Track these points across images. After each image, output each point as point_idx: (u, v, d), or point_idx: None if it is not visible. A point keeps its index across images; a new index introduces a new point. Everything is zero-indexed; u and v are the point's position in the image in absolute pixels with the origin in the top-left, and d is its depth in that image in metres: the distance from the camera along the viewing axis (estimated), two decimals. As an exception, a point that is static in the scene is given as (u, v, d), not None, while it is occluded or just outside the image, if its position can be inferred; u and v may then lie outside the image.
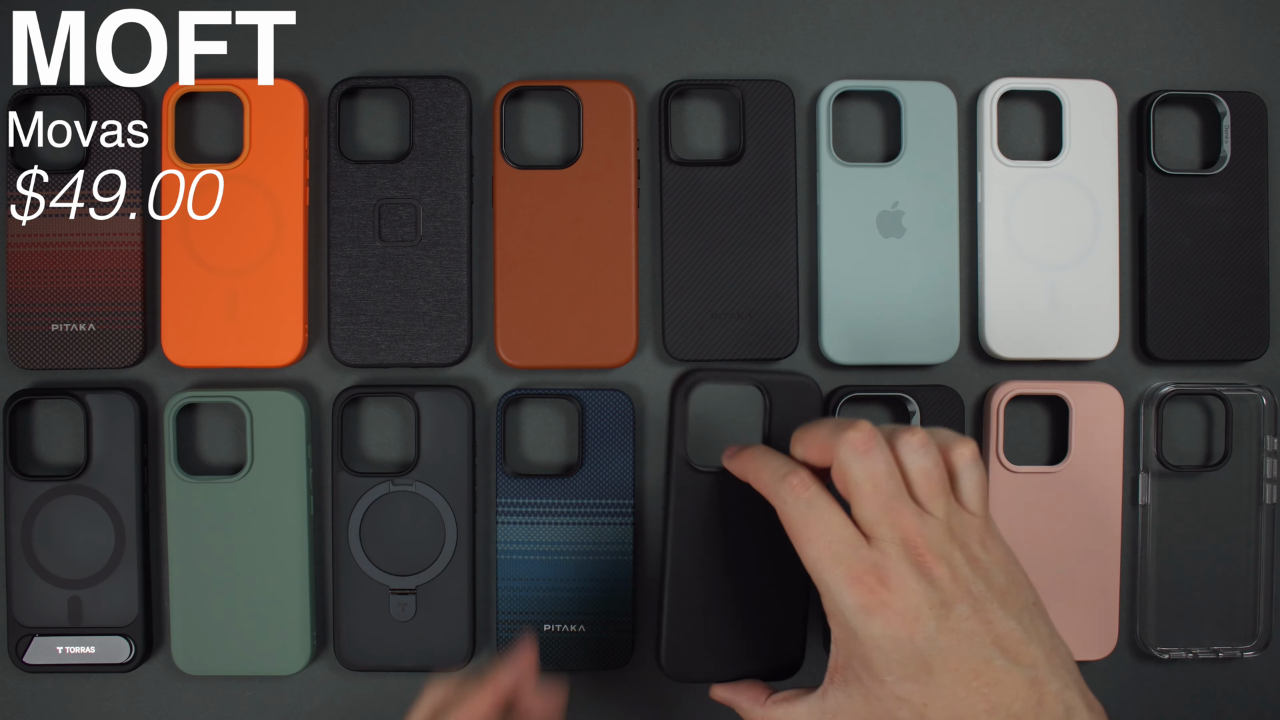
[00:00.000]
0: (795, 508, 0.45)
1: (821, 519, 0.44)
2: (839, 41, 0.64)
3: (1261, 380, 0.64)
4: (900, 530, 0.43)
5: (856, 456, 0.44)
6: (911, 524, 0.44)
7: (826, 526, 0.44)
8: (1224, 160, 0.64)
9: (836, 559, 0.44)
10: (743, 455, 0.48)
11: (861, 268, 0.63)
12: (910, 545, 0.43)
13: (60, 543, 0.61)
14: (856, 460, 0.44)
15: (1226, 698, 0.65)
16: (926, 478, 0.45)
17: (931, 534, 0.44)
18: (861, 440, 0.44)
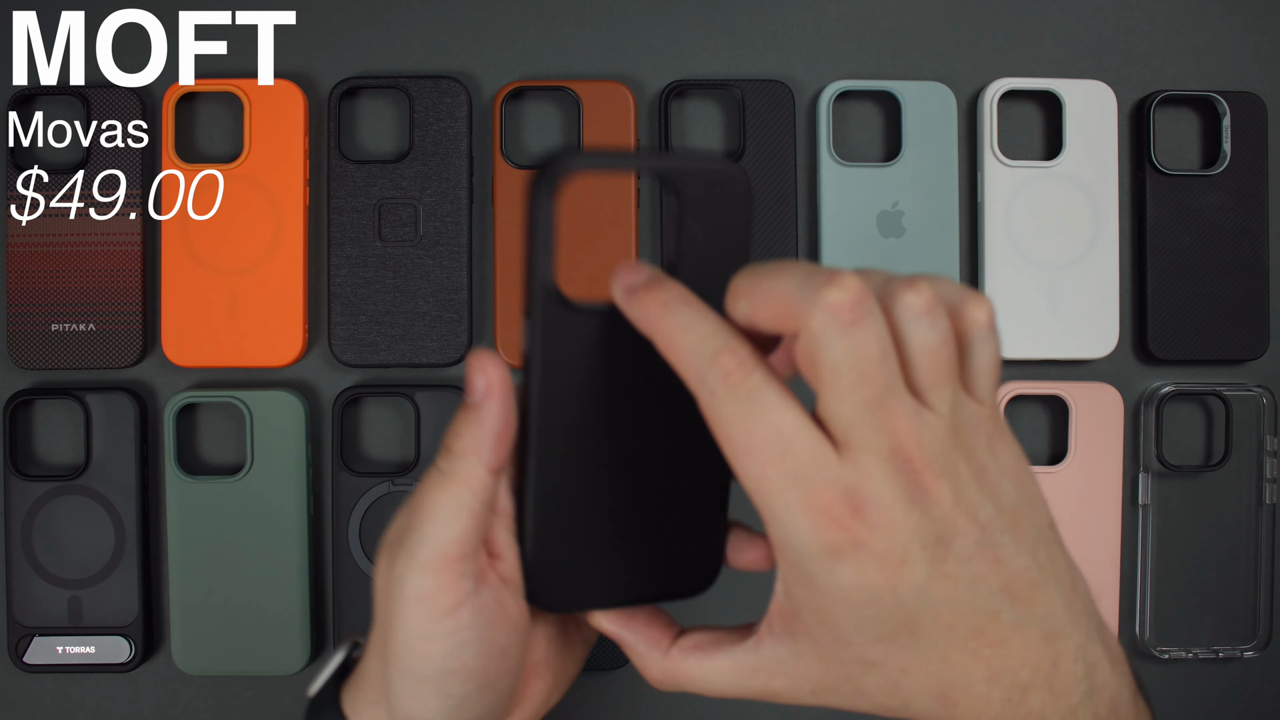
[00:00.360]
0: (730, 403, 0.31)
1: (770, 419, 0.31)
2: (839, 41, 0.64)
3: (1261, 380, 0.64)
4: (889, 436, 0.31)
5: (839, 329, 0.30)
6: (906, 426, 0.31)
7: (777, 431, 0.31)
8: (1224, 160, 0.64)
9: (792, 479, 0.31)
10: (648, 298, 0.33)
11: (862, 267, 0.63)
12: (902, 457, 0.31)
13: (60, 542, 0.61)
14: (838, 335, 0.30)
15: (1226, 698, 0.65)
16: (932, 357, 0.32)
17: (932, 439, 0.31)
18: (847, 305, 0.30)
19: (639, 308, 0.33)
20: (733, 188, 0.35)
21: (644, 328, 0.33)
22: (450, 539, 0.34)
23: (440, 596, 0.34)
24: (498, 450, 0.34)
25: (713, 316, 0.32)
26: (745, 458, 0.31)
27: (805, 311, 0.31)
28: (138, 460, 0.62)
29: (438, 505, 0.34)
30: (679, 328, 0.32)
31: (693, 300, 0.33)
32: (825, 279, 0.31)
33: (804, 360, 0.31)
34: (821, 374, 0.31)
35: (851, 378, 0.30)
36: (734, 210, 0.35)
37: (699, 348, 0.32)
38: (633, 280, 0.33)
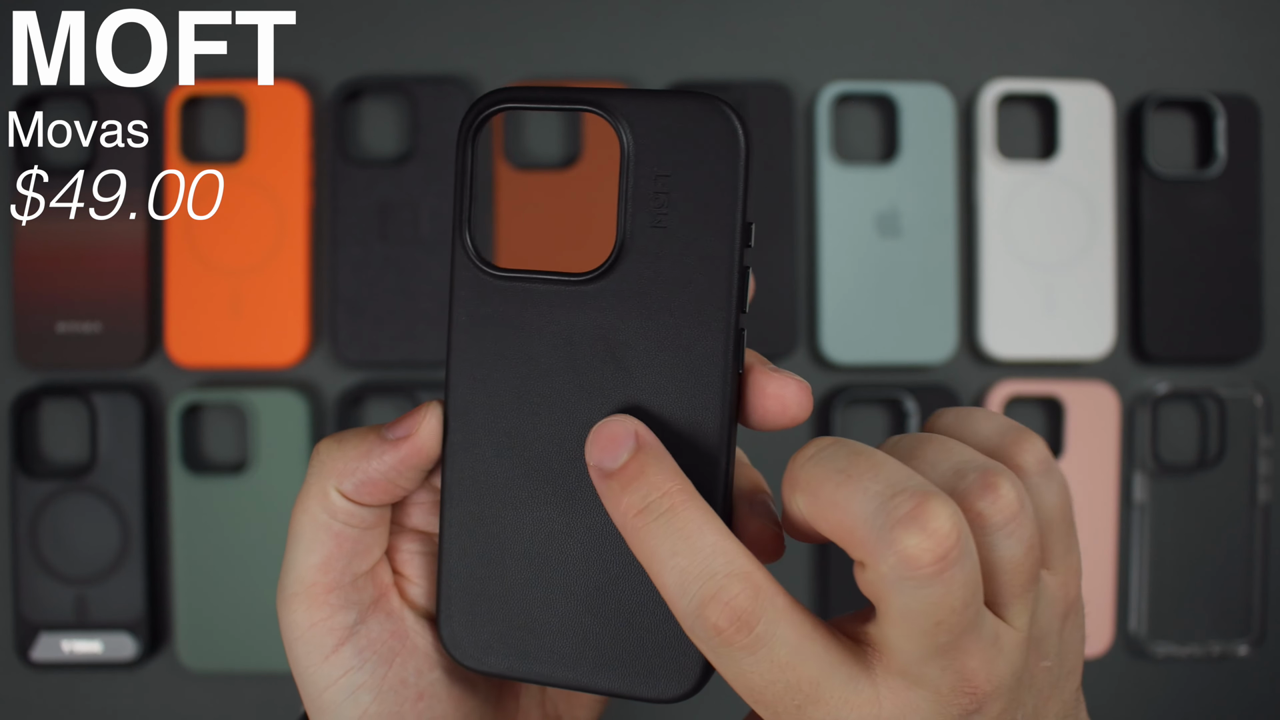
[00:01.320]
0: (729, 661, 0.26)
1: (783, 676, 0.26)
2: (837, 44, 0.65)
3: (1255, 379, 0.65)
4: (956, 674, 0.26)
5: (916, 583, 0.25)
6: (979, 663, 0.26)
7: (795, 686, 0.26)
8: (1218, 162, 0.64)
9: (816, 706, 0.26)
10: (622, 499, 0.27)
11: (860, 268, 0.63)
12: (965, 691, 0.26)
13: (66, 540, 0.62)
14: (914, 587, 0.25)
15: (1220, 695, 0.66)
16: (1015, 572, 0.26)
17: (1006, 667, 0.26)
18: (932, 558, 0.24)
19: (613, 506, 0.27)
20: (715, 133, 0.27)
21: (622, 531, 0.27)
22: (313, 565, 0.30)
23: (316, 634, 0.30)
24: (361, 490, 0.30)
25: (708, 532, 0.26)
26: (758, 707, 0.26)
27: (877, 552, 0.25)
28: (143, 459, 0.62)
29: (297, 531, 0.30)
30: (658, 551, 0.26)
31: (682, 507, 0.26)
32: (906, 513, 0.24)
33: (865, 586, 0.26)
34: (888, 614, 0.25)
35: (926, 627, 0.25)
36: (718, 164, 0.27)
37: (682, 588, 0.26)
38: (606, 460, 0.27)
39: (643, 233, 0.28)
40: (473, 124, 0.28)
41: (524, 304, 0.29)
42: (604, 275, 0.28)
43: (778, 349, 0.63)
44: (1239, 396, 0.64)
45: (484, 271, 0.29)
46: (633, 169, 0.28)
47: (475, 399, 0.29)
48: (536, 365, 0.29)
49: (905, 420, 0.63)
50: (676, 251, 0.28)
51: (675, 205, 0.28)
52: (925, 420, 0.48)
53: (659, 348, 0.28)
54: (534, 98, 0.29)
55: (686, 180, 0.27)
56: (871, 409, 0.65)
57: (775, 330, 0.63)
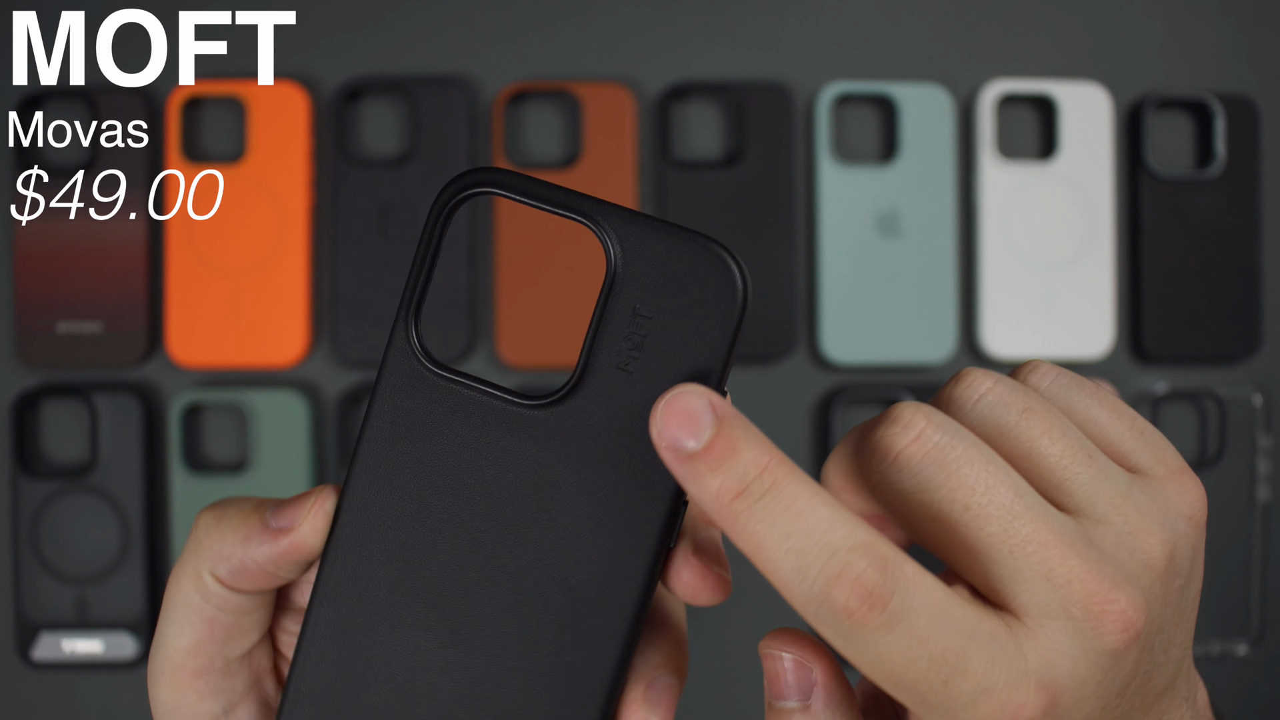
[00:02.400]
0: (864, 645, 0.23)
1: (926, 649, 0.23)
2: (837, 44, 0.65)
3: (1254, 379, 0.65)
4: (1068, 586, 0.24)
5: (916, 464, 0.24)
6: (1079, 566, 0.24)
7: (940, 659, 0.23)
8: (1217, 162, 0.64)
9: (970, 698, 0.23)
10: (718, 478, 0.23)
11: (860, 268, 0.63)
12: (1093, 605, 0.24)
13: (67, 540, 0.62)
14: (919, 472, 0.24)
15: (1220, 694, 0.66)
16: (1023, 439, 0.25)
17: (1110, 566, 0.24)
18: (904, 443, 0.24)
19: (701, 490, 0.24)
20: (712, 282, 0.25)
21: (714, 518, 0.24)
22: (182, 648, 0.28)
23: (179, 717, 0.28)
24: (236, 578, 0.27)
25: (820, 505, 0.23)
26: (899, 688, 0.24)
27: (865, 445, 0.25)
28: (143, 458, 0.62)
29: (170, 602, 0.28)
30: (766, 537, 0.23)
31: (785, 481, 0.23)
32: (879, 418, 0.25)
33: None
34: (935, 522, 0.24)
35: (987, 526, 0.24)
36: (706, 319, 0.25)
37: (801, 572, 0.23)
38: (688, 439, 0.23)
39: (605, 371, 0.25)
40: (448, 203, 0.26)
41: (457, 410, 0.26)
42: (552, 405, 0.26)
43: (778, 349, 0.63)
44: (1238, 396, 0.64)
45: (422, 364, 0.26)
46: (611, 299, 0.25)
47: (376, 498, 0.26)
48: (453, 481, 0.26)
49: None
50: (636, 402, 0.25)
51: (649, 352, 0.25)
52: None
53: (591, 500, 0.25)
54: (522, 189, 0.25)
55: (668, 329, 0.25)
56: (871, 409, 0.65)
57: (775, 330, 0.63)
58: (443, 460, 0.26)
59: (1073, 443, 0.25)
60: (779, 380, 0.64)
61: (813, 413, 0.64)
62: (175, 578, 0.28)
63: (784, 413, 0.64)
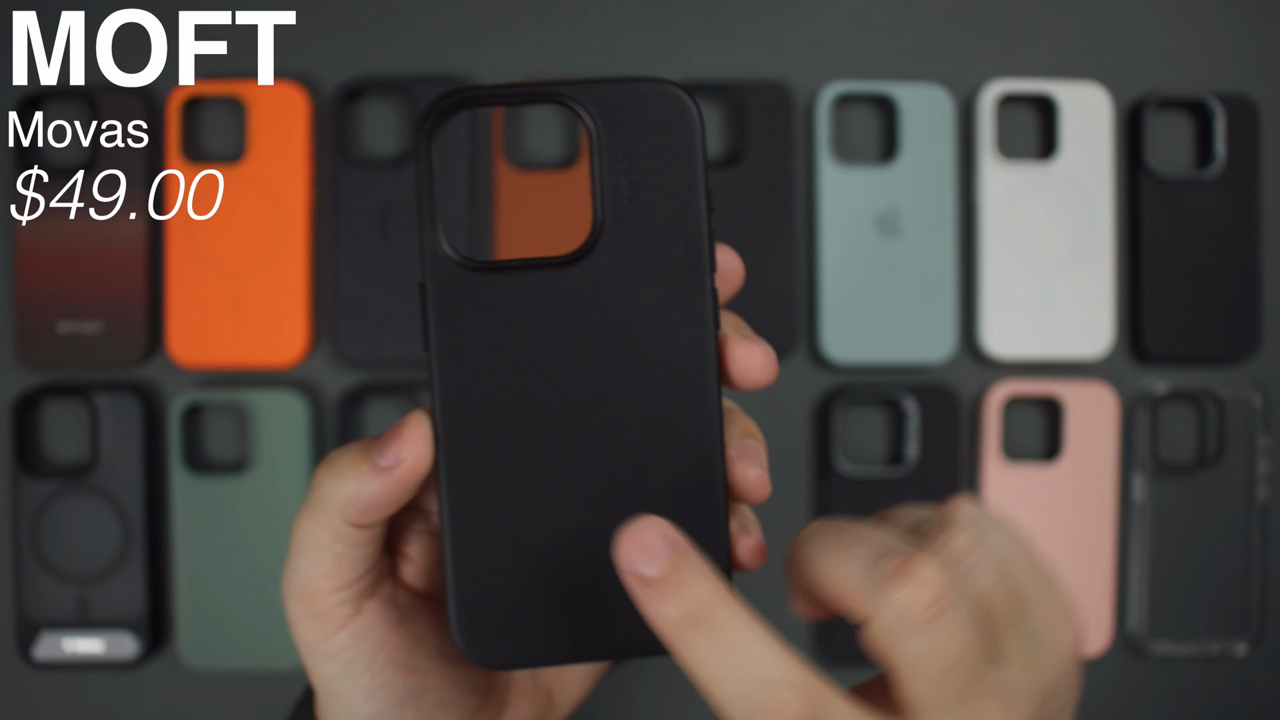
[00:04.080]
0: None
1: None
2: (837, 44, 0.65)
3: (1254, 379, 0.65)
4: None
5: (913, 629, 0.27)
6: (996, 713, 0.27)
7: None
8: (1217, 162, 0.64)
9: None
10: (665, 607, 0.27)
11: (860, 268, 0.63)
12: None
13: (68, 540, 0.62)
14: (913, 634, 0.27)
15: (1219, 694, 0.66)
16: (993, 600, 0.29)
17: (1025, 707, 0.28)
18: (923, 605, 0.26)
19: (654, 613, 0.27)
20: (672, 110, 0.29)
21: (664, 639, 0.27)
22: (317, 575, 0.31)
23: (313, 623, 0.32)
24: (367, 516, 0.30)
25: (757, 642, 0.26)
26: None
27: (874, 610, 0.27)
28: (144, 458, 0.62)
29: (301, 542, 0.31)
30: (707, 663, 0.26)
31: (727, 617, 0.26)
32: (894, 569, 0.27)
33: (871, 646, 0.27)
34: (898, 669, 0.27)
35: (935, 676, 0.27)
36: (678, 139, 0.29)
37: (736, 700, 0.26)
38: (645, 568, 0.27)
39: (617, 208, 0.29)
40: (428, 123, 0.29)
41: (505, 291, 0.29)
42: (587, 253, 0.30)
43: (778, 349, 0.63)
44: (1238, 396, 0.64)
45: (462, 266, 0.29)
46: (603, 151, 0.29)
47: (464, 395, 0.29)
48: (525, 348, 0.29)
49: (905, 420, 0.63)
50: (651, 222, 0.29)
51: (645, 179, 0.29)
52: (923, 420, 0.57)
53: (648, 315, 0.29)
54: (493, 95, 0.29)
55: (652, 156, 0.29)
56: (871, 409, 0.65)
57: (775, 330, 0.63)
58: (509, 336, 0.29)
59: (1014, 595, 0.29)
60: (779, 380, 0.64)
61: (813, 413, 0.64)
62: (304, 522, 0.31)
63: (784, 413, 0.64)
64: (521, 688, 0.36)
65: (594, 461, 0.29)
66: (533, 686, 0.36)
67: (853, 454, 0.65)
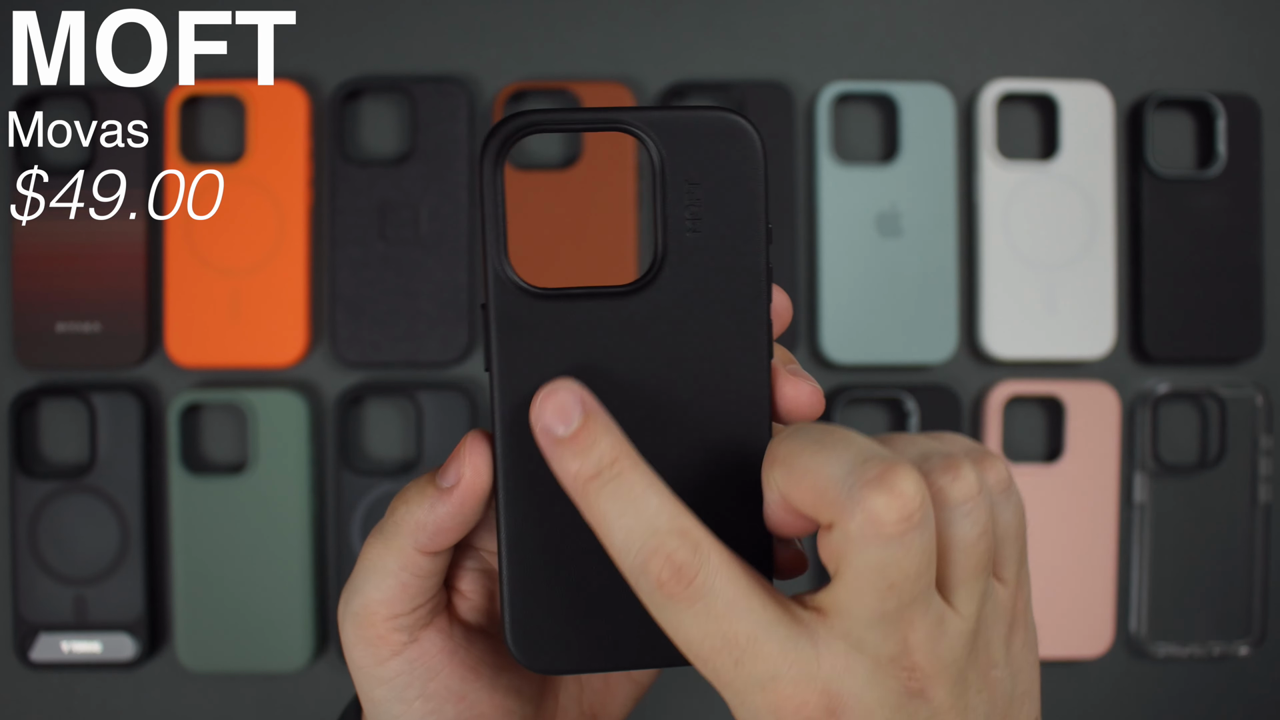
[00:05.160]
0: (669, 612, 0.27)
1: (722, 628, 0.27)
2: (837, 44, 0.65)
3: (1256, 379, 0.65)
4: (898, 643, 0.27)
5: (879, 540, 0.26)
6: (922, 638, 0.27)
7: (732, 640, 0.27)
8: (1219, 162, 0.64)
9: (755, 683, 0.27)
10: (570, 460, 0.29)
11: (860, 268, 0.63)
12: (904, 664, 0.27)
13: (66, 541, 0.62)
14: (877, 545, 0.26)
15: (1221, 695, 0.66)
16: (968, 553, 0.28)
17: (948, 649, 0.28)
18: (896, 517, 0.26)
19: (562, 470, 0.28)
20: (736, 141, 0.29)
21: (570, 494, 0.29)
22: (378, 600, 0.32)
23: (368, 648, 0.32)
24: (436, 541, 0.31)
25: (653, 494, 0.28)
26: (698, 662, 0.27)
27: (845, 509, 0.26)
28: (142, 459, 0.62)
29: (368, 566, 0.32)
30: (608, 514, 0.28)
31: (629, 472, 0.28)
32: (877, 474, 0.26)
33: (827, 550, 0.27)
34: (844, 573, 0.27)
35: (879, 587, 0.27)
36: (740, 171, 0.30)
37: (627, 545, 0.27)
38: (558, 427, 0.29)
39: (679, 239, 0.30)
40: (500, 147, 0.29)
41: (568, 319, 0.30)
42: (649, 283, 0.30)
43: (778, 349, 0.63)
44: (1239, 396, 0.64)
45: (526, 292, 0.30)
46: (665, 181, 0.29)
47: (527, 418, 0.30)
48: (584, 374, 0.30)
49: (906, 420, 0.63)
50: (712, 254, 0.30)
51: (706, 211, 0.30)
52: (923, 422, 0.57)
53: (706, 346, 0.30)
54: (560, 121, 0.29)
55: (715, 187, 0.29)
56: (871, 409, 0.65)
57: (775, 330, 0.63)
58: (568, 360, 0.30)
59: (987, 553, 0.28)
60: (779, 380, 0.64)
61: (813, 413, 0.64)
62: (374, 547, 0.32)
63: (784, 413, 0.64)
64: (567, 713, 0.36)
65: None
66: (578, 712, 0.36)
67: (853, 454, 0.64)
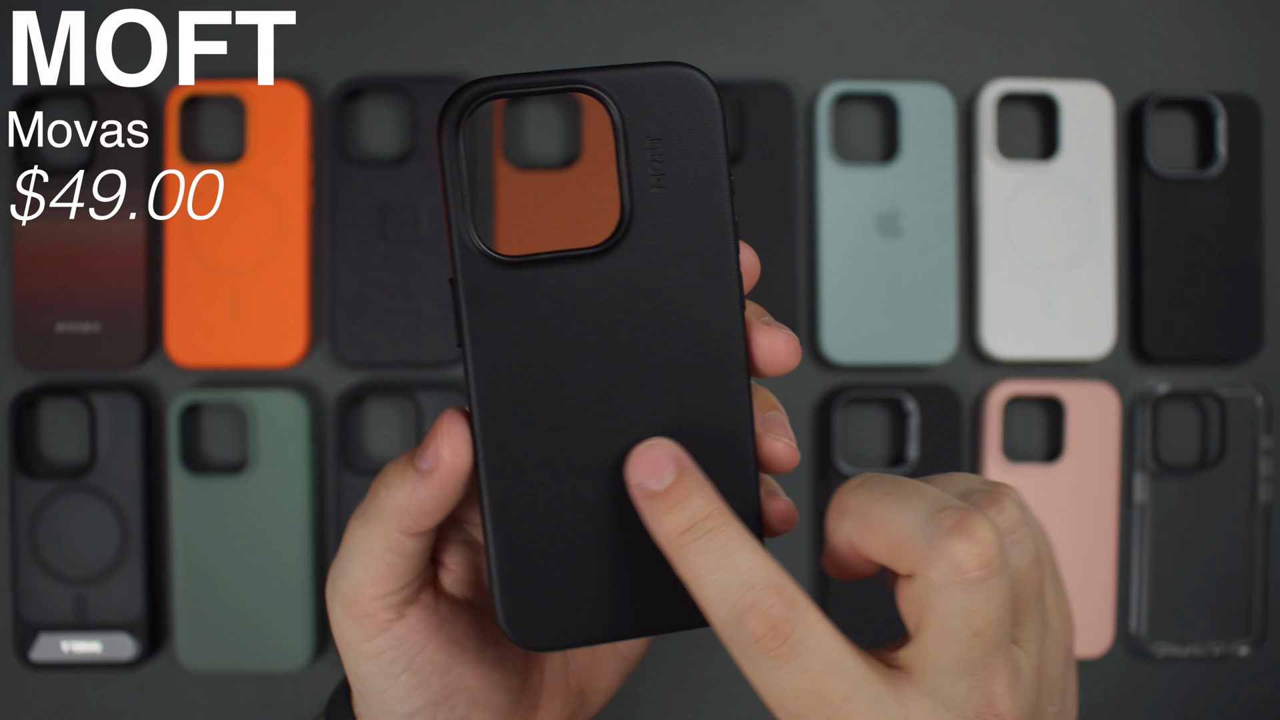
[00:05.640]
0: (763, 669, 0.28)
1: (814, 686, 0.27)
2: (837, 44, 0.65)
3: (1256, 379, 0.65)
4: (983, 697, 0.27)
5: (963, 587, 0.27)
6: (1003, 690, 0.28)
7: (825, 699, 0.27)
8: (1219, 162, 0.64)
9: None
10: (667, 517, 0.29)
11: (860, 268, 0.63)
12: (989, 717, 0.28)
13: (66, 541, 0.62)
14: (961, 592, 0.27)
15: (1221, 695, 0.66)
16: (1024, 583, 0.29)
17: (1024, 695, 0.28)
18: (979, 563, 0.27)
19: (656, 525, 0.29)
20: (692, 95, 0.29)
21: (663, 548, 0.29)
22: (365, 580, 0.32)
23: (356, 625, 0.33)
24: (419, 523, 0.31)
25: (747, 550, 0.28)
26: (788, 718, 0.28)
27: (927, 559, 0.27)
28: (142, 459, 0.62)
29: (353, 548, 0.32)
30: (701, 568, 0.28)
31: (723, 528, 0.28)
32: (955, 523, 0.27)
33: (909, 601, 0.28)
34: (928, 625, 0.28)
35: (964, 636, 0.27)
36: (699, 124, 0.29)
37: (722, 599, 0.28)
38: (651, 483, 0.29)
39: (645, 196, 0.29)
40: (459, 115, 0.29)
41: (539, 284, 0.29)
42: (618, 243, 0.30)
43: (778, 349, 0.63)
44: (1239, 397, 0.64)
45: (494, 260, 0.29)
46: (627, 139, 0.29)
47: (501, 389, 0.29)
48: (559, 339, 0.29)
49: (906, 420, 0.63)
50: (679, 209, 0.29)
51: (670, 167, 0.29)
52: (922, 422, 0.58)
53: (679, 301, 0.30)
54: (518, 84, 0.29)
55: (676, 142, 0.29)
56: (871, 409, 0.65)
57: (775, 330, 0.63)
58: (542, 327, 0.29)
59: (1040, 580, 0.29)
60: (779, 380, 0.64)
61: (813, 413, 0.64)
62: (359, 530, 0.32)
63: (784, 413, 0.64)
64: (553, 687, 0.36)
65: (630, 443, 0.30)
66: (564, 685, 0.37)
67: (853, 455, 0.65)
